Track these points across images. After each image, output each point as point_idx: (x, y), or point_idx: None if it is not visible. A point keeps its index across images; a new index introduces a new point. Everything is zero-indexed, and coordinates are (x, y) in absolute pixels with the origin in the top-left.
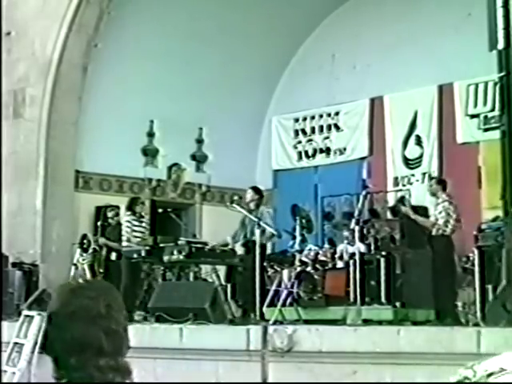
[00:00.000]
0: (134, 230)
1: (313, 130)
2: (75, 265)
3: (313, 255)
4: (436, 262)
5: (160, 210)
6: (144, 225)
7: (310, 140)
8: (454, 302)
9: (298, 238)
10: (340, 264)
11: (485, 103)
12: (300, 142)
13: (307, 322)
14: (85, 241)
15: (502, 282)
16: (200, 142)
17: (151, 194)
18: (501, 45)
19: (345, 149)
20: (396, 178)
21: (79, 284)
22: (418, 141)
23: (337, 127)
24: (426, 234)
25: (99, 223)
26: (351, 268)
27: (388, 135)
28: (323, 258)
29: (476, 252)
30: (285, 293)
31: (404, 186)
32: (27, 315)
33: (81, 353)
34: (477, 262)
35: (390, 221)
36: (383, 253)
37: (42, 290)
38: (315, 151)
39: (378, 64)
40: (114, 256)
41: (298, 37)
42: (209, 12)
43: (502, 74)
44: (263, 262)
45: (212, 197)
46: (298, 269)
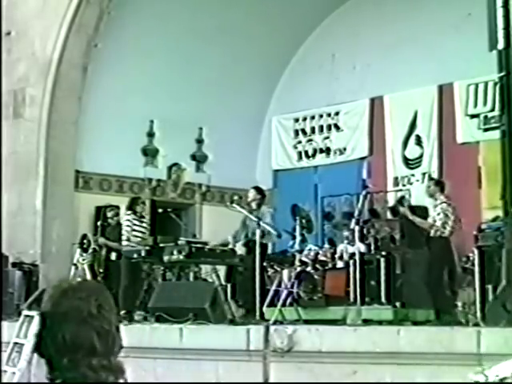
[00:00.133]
0: (135, 230)
1: (313, 130)
2: (75, 265)
3: (313, 255)
4: (433, 263)
5: (160, 210)
6: (144, 225)
7: (310, 140)
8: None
9: (298, 238)
10: (340, 264)
11: (485, 103)
12: (300, 142)
13: (307, 321)
14: (85, 241)
15: (501, 282)
16: (200, 142)
17: (151, 193)
18: (501, 45)
19: (345, 149)
20: (396, 178)
21: (70, 285)
22: (418, 141)
23: (337, 127)
24: (424, 235)
25: (99, 223)
26: (351, 268)
27: (388, 135)
28: (323, 258)
29: (476, 252)
30: (285, 293)
31: (404, 186)
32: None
33: (73, 353)
34: (477, 262)
35: (389, 221)
36: (383, 253)
37: (42, 290)
38: (315, 151)
39: (378, 64)
40: (113, 256)
41: (299, 36)
42: (209, 12)
43: (502, 74)
44: (263, 262)
45: (212, 197)
46: (298, 269)
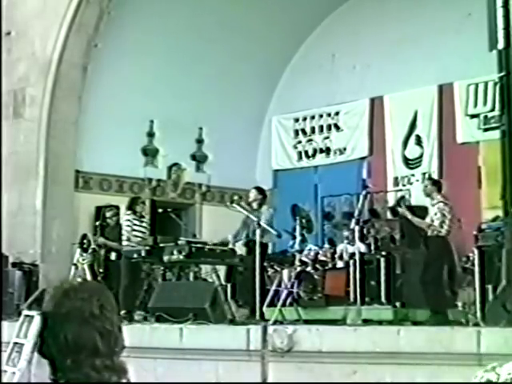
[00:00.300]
0: (135, 230)
1: (313, 130)
2: (75, 265)
3: (313, 255)
4: (430, 262)
5: (160, 210)
6: (144, 224)
7: (310, 140)
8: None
9: (298, 238)
10: (340, 264)
11: (485, 103)
12: (300, 142)
13: (307, 322)
14: (85, 241)
15: (501, 282)
16: (200, 141)
17: (151, 193)
18: (501, 45)
19: (345, 149)
20: (396, 178)
21: (72, 286)
22: (418, 141)
23: (337, 127)
24: (422, 235)
25: (98, 223)
26: (351, 268)
27: (388, 135)
28: (323, 258)
29: (476, 252)
30: (285, 293)
31: (404, 185)
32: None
33: (76, 354)
34: (477, 262)
35: (389, 221)
36: (383, 253)
37: (42, 290)
38: (315, 151)
39: (378, 64)
40: (113, 256)
41: (299, 36)
42: (209, 12)
43: (502, 74)
44: (263, 262)
45: (212, 197)
46: (298, 269)
